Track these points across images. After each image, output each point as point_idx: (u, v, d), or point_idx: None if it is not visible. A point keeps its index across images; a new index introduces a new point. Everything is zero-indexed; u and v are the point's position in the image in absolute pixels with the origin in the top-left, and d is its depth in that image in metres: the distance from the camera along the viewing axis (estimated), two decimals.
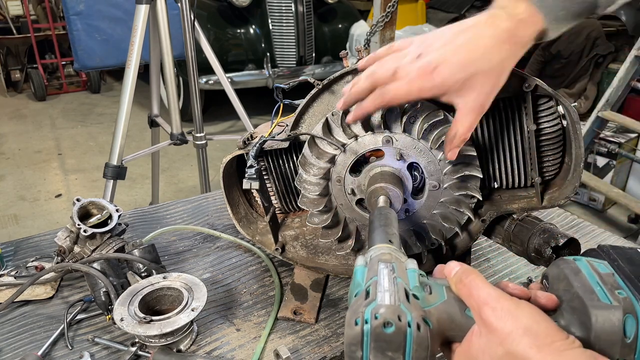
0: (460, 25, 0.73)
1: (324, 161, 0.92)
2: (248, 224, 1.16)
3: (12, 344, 0.95)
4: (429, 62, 0.71)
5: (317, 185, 0.95)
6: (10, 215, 3.67)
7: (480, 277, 0.55)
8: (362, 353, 0.52)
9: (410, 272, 0.58)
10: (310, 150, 0.93)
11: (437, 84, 0.71)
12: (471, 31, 0.71)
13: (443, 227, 0.95)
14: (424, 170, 0.90)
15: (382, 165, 0.91)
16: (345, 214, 0.99)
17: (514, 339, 0.48)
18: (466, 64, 0.70)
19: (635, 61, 3.31)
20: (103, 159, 2.39)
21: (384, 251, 0.62)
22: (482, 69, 0.70)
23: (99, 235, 1.10)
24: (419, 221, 0.96)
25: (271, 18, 5.02)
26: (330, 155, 0.92)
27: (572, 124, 0.87)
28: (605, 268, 0.54)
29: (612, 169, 3.67)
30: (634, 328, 0.48)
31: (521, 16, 0.69)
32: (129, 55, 2.28)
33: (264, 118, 4.85)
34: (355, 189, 0.95)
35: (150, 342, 0.91)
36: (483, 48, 0.69)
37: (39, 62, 6.27)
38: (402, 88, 0.73)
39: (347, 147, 0.91)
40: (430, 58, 0.71)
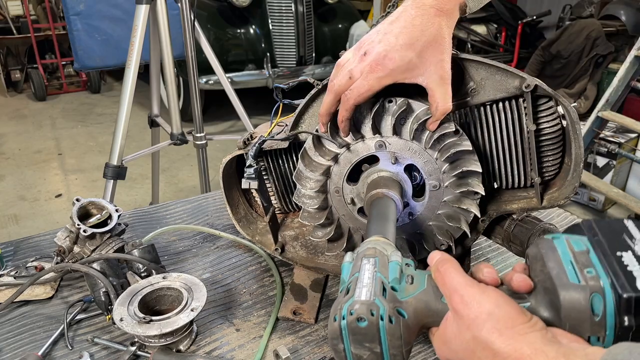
0: (391, 17, 0.79)
1: (319, 173, 0.91)
2: (248, 224, 1.16)
3: (12, 344, 0.95)
4: (378, 54, 0.76)
5: (316, 198, 0.94)
6: (10, 215, 3.67)
7: (454, 266, 0.57)
8: (344, 345, 0.57)
9: (392, 265, 0.61)
10: (304, 164, 0.92)
11: (392, 69, 0.75)
12: (402, 17, 0.77)
13: (449, 227, 0.93)
14: (422, 171, 0.89)
15: (379, 171, 0.89)
16: (349, 224, 0.98)
17: (477, 324, 0.51)
18: (410, 43, 0.75)
19: (635, 61, 3.31)
20: (103, 159, 2.39)
21: (370, 246, 0.64)
22: (426, 42, 0.75)
23: (99, 236, 1.10)
24: (424, 223, 0.95)
25: (271, 18, 5.02)
26: (324, 167, 0.91)
27: (572, 124, 0.87)
28: (582, 245, 0.54)
29: (612, 169, 3.67)
30: (601, 305, 0.49)
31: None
32: (129, 55, 2.28)
33: (264, 118, 4.84)
34: (355, 198, 0.94)
35: (149, 342, 0.91)
36: (419, 26, 0.75)
37: (39, 62, 6.27)
38: (362, 85, 0.77)
39: (340, 157, 0.90)
40: (377, 51, 0.76)
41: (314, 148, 0.91)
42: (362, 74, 0.77)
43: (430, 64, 0.76)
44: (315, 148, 0.91)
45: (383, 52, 0.75)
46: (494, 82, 0.87)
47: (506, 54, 6.01)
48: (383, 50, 0.75)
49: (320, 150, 0.91)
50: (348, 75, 0.79)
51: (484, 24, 6.10)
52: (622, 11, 5.04)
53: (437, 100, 0.78)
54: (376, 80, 0.76)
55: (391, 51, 0.75)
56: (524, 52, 5.87)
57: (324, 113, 0.85)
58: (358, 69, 0.78)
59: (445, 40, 0.77)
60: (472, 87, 0.88)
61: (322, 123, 0.87)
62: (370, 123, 0.86)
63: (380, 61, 0.75)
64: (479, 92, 0.88)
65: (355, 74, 0.78)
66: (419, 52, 0.75)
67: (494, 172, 0.96)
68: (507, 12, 6.09)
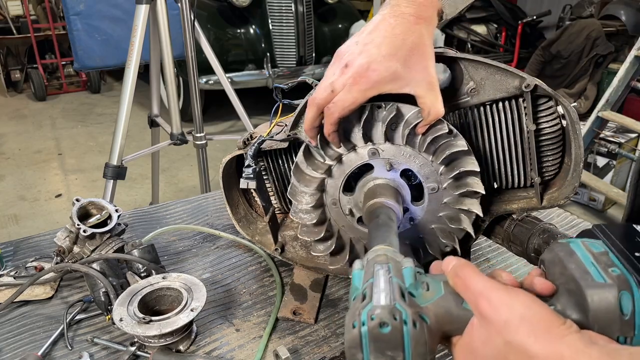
0: (370, 26, 0.77)
1: (314, 187, 0.89)
2: (247, 224, 1.16)
3: (11, 344, 0.95)
4: (360, 66, 0.74)
5: (313, 212, 0.92)
6: (10, 215, 3.67)
7: (475, 269, 0.55)
8: (363, 355, 0.53)
9: (406, 271, 0.59)
10: (297, 179, 0.90)
11: (377, 81, 0.74)
12: (382, 26, 0.75)
13: (452, 229, 0.91)
14: (418, 175, 0.87)
15: (375, 179, 0.87)
16: (350, 235, 0.96)
17: (510, 329, 0.49)
18: (393, 53, 0.73)
19: (635, 61, 3.31)
20: (103, 159, 2.39)
21: (380, 253, 0.62)
22: (409, 50, 0.74)
23: (99, 236, 1.10)
24: (426, 227, 0.93)
25: (271, 18, 5.02)
26: (318, 180, 0.89)
27: (572, 124, 0.87)
28: (600, 247, 0.54)
29: (612, 169, 3.67)
30: (630, 304, 0.48)
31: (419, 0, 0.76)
32: (129, 55, 2.28)
33: (264, 118, 4.84)
34: (353, 208, 0.92)
35: (149, 342, 0.91)
36: (400, 35, 0.74)
37: (39, 62, 6.28)
38: (346, 98, 0.75)
39: (333, 168, 0.88)
40: (359, 62, 0.74)
41: (305, 162, 0.89)
42: (344, 87, 0.75)
43: (415, 72, 0.75)
44: (307, 162, 0.89)
45: (365, 63, 0.73)
46: (493, 82, 0.87)
47: (506, 54, 6.01)
48: (365, 62, 0.73)
49: (313, 164, 0.89)
50: (330, 88, 0.76)
51: (484, 24, 6.10)
52: (622, 11, 5.04)
53: (428, 106, 0.77)
54: (360, 92, 0.75)
55: (374, 62, 0.73)
56: (524, 52, 5.87)
57: (308, 128, 0.83)
58: (340, 82, 0.75)
59: (427, 47, 0.76)
60: (472, 87, 0.88)
61: (311, 137, 0.85)
62: (360, 132, 0.84)
63: (363, 73, 0.73)
64: (479, 92, 0.88)
65: (337, 86, 0.76)
66: (403, 62, 0.74)
67: (494, 172, 0.96)
68: (507, 12, 6.09)
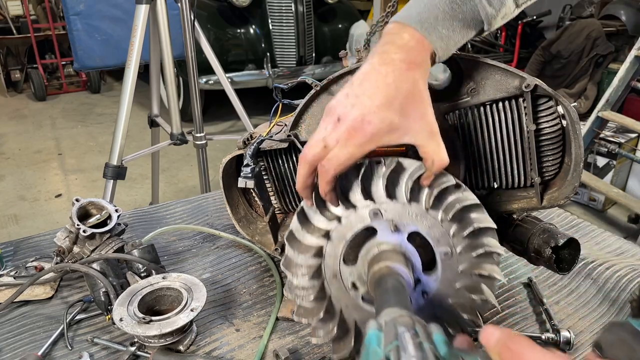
0: (359, 77, 0.72)
1: (311, 255, 0.78)
2: (247, 224, 1.16)
3: (11, 344, 0.95)
4: (354, 119, 0.69)
5: (311, 288, 0.80)
6: (10, 215, 3.67)
7: (530, 342, 0.50)
8: None
9: (438, 337, 0.51)
10: (292, 247, 0.79)
11: (373, 133, 0.69)
12: (372, 76, 0.71)
13: (473, 301, 0.78)
14: (428, 238, 0.76)
15: (379, 244, 0.76)
16: (354, 316, 0.82)
17: None
18: (387, 103, 0.69)
19: (635, 61, 3.31)
20: (103, 159, 2.39)
21: (402, 313, 0.54)
22: (404, 99, 0.69)
23: (98, 236, 1.10)
24: (443, 302, 0.79)
25: (271, 18, 5.02)
26: (315, 248, 0.78)
27: (572, 124, 0.87)
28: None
29: (612, 169, 3.67)
30: None
31: (409, 44, 0.71)
32: (129, 55, 2.28)
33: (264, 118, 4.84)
34: (357, 281, 0.79)
35: (149, 342, 0.91)
36: (393, 84, 0.69)
37: (39, 62, 6.28)
38: (341, 153, 0.70)
39: (332, 233, 0.77)
40: (353, 115, 0.69)
41: (300, 227, 0.79)
42: (339, 142, 0.69)
43: (413, 120, 0.70)
44: (302, 226, 0.79)
45: (359, 116, 0.68)
46: (493, 81, 0.87)
47: (506, 54, 6.00)
48: (359, 115, 0.68)
49: (309, 228, 0.79)
50: (322, 143, 0.70)
51: None
52: (622, 11, 5.04)
53: (430, 155, 0.71)
54: (357, 147, 0.69)
55: (368, 114, 0.68)
56: (524, 52, 5.87)
57: (301, 187, 0.76)
58: (333, 137, 0.70)
59: (423, 93, 0.71)
60: (471, 87, 0.88)
61: (305, 197, 0.78)
62: (359, 188, 0.76)
63: (358, 126, 0.68)
64: (479, 92, 0.88)
65: (330, 142, 0.70)
66: (399, 111, 0.69)
67: (494, 172, 0.96)
68: None
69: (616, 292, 1.09)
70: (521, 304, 1.08)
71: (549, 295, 1.10)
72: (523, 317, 1.04)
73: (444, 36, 0.72)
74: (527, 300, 1.09)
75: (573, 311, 1.06)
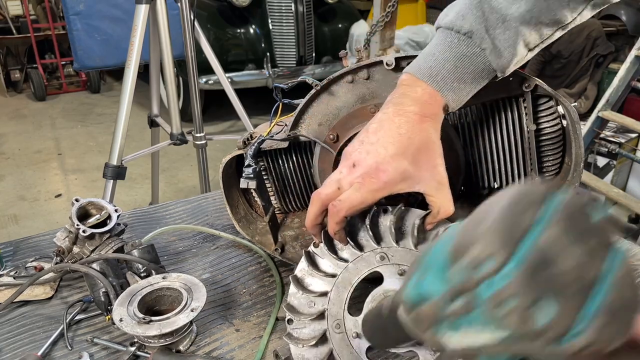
0: (374, 125, 0.75)
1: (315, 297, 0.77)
2: (247, 224, 1.16)
3: (11, 344, 0.95)
4: (369, 166, 0.72)
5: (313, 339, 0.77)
6: (10, 215, 3.67)
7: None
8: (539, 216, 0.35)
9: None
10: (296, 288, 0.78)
11: (386, 182, 0.72)
12: (386, 125, 0.74)
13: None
14: None
15: (385, 292, 0.75)
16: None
17: None
18: (401, 152, 0.72)
19: (635, 61, 3.31)
20: (103, 159, 2.39)
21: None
22: (417, 150, 0.73)
23: (98, 236, 1.10)
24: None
25: (271, 18, 5.02)
26: (320, 291, 0.77)
27: (572, 124, 0.87)
28: None
29: (613, 169, 3.67)
30: None
31: (422, 98, 0.73)
32: (129, 55, 2.28)
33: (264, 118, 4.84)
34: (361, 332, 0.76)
35: (149, 342, 0.91)
36: (406, 134, 0.72)
37: (38, 62, 6.28)
38: (355, 196, 0.73)
39: (338, 278, 0.77)
40: (368, 162, 0.73)
41: (306, 268, 0.78)
42: (352, 186, 0.73)
43: (424, 170, 0.73)
44: (308, 268, 0.78)
45: (374, 164, 0.72)
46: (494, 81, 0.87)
47: None
48: (374, 162, 0.72)
49: (315, 271, 0.78)
50: (336, 184, 0.75)
51: None
52: (622, 11, 5.04)
53: (437, 205, 0.75)
54: (370, 193, 0.72)
55: (383, 163, 0.72)
56: None
57: (311, 225, 0.79)
58: (347, 180, 0.74)
59: (435, 145, 0.75)
60: None
61: (314, 234, 0.80)
62: (367, 233, 0.77)
63: (372, 173, 0.72)
64: (479, 92, 0.88)
65: (344, 184, 0.74)
66: (411, 161, 0.72)
67: (494, 172, 0.96)
68: None
69: None
70: None
71: None
72: None
73: (455, 89, 0.74)
74: None
75: None
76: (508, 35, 0.72)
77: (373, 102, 0.93)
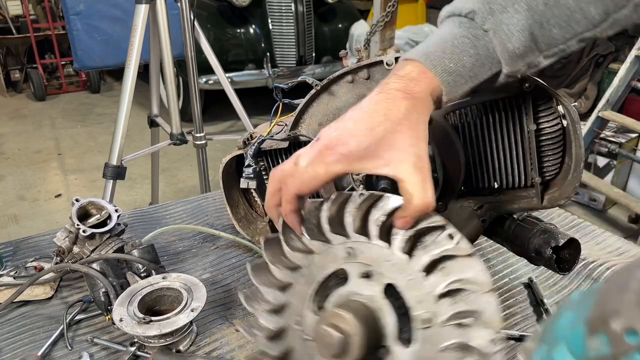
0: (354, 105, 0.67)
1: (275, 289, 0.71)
2: (247, 224, 1.16)
3: (11, 344, 0.95)
4: (329, 139, 0.64)
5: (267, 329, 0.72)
6: (9, 215, 3.66)
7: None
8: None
9: None
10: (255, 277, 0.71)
11: (344, 154, 0.63)
12: (364, 102, 0.66)
13: None
14: (404, 296, 0.61)
15: (350, 294, 0.65)
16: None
17: None
18: (370, 127, 0.63)
19: (635, 61, 3.31)
20: (103, 159, 2.39)
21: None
22: (391, 128, 0.63)
23: (98, 236, 1.10)
24: None
25: (271, 18, 5.02)
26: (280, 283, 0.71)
27: (572, 124, 0.87)
28: None
29: (613, 169, 3.67)
30: None
31: (410, 75, 0.65)
32: (129, 55, 2.28)
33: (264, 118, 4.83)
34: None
35: (149, 342, 0.91)
36: (382, 110, 0.64)
37: (38, 62, 6.27)
38: (306, 171, 0.64)
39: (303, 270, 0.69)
40: (329, 136, 0.65)
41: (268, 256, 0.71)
42: (308, 159, 0.65)
43: (397, 151, 0.62)
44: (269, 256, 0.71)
45: (335, 137, 0.64)
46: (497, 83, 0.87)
47: None
48: (336, 136, 0.64)
49: (278, 259, 0.71)
50: (293, 161, 0.66)
51: None
52: None
53: (409, 192, 0.61)
54: (323, 166, 0.63)
55: (345, 136, 0.63)
56: None
57: (268, 205, 0.70)
58: (305, 155, 0.65)
59: (415, 124, 0.64)
60: None
61: (273, 218, 0.71)
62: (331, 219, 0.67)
63: (330, 146, 0.63)
64: (479, 92, 0.88)
65: (301, 160, 0.65)
66: (380, 138, 0.62)
67: (494, 172, 0.96)
68: None
69: None
70: (521, 304, 1.08)
71: (549, 295, 1.10)
72: (523, 317, 1.04)
73: (451, 70, 0.65)
74: (527, 300, 1.09)
75: None
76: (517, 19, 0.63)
77: None
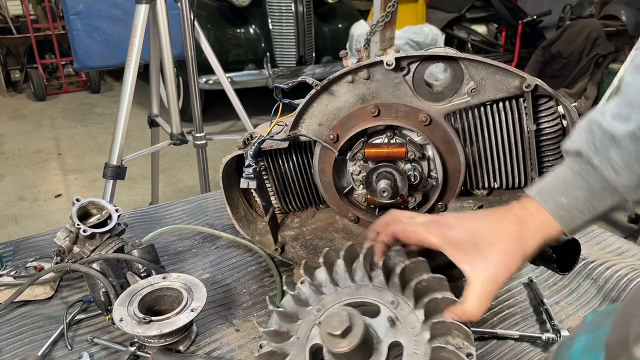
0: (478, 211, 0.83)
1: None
2: (247, 224, 1.16)
3: (11, 344, 0.95)
4: (446, 220, 0.77)
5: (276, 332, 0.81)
6: (10, 215, 3.66)
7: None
8: None
9: None
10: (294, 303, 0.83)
11: (444, 235, 0.75)
12: (488, 212, 0.80)
13: None
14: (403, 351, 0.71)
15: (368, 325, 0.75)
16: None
17: None
18: (476, 230, 0.74)
19: None
20: (103, 159, 2.39)
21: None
22: (491, 239, 0.73)
23: (99, 236, 1.10)
24: None
25: (271, 18, 5.02)
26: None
27: (572, 124, 0.87)
28: None
29: None
30: None
31: (529, 209, 0.74)
32: (129, 55, 2.27)
33: (264, 118, 4.83)
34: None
35: (149, 342, 0.91)
36: (494, 225, 0.75)
37: (38, 62, 6.27)
38: (420, 228, 0.77)
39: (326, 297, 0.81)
40: (448, 218, 0.78)
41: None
42: (424, 222, 0.78)
43: (483, 260, 0.72)
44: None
45: (450, 222, 0.76)
46: (494, 81, 0.87)
47: (506, 54, 6.01)
48: (451, 221, 0.77)
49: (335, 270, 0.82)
50: (413, 215, 0.82)
51: (484, 24, 6.10)
52: (622, 11, 5.03)
53: (469, 296, 0.71)
54: (426, 232, 0.76)
55: (456, 226, 0.75)
56: (524, 52, 5.87)
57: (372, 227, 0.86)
58: (423, 217, 0.80)
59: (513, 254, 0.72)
60: (472, 87, 0.88)
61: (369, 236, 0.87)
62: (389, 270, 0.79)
63: (442, 224, 0.76)
64: (479, 92, 0.88)
65: (418, 218, 0.80)
66: (477, 242, 0.73)
67: (494, 172, 0.96)
68: (507, 12, 6.09)
69: (616, 292, 1.09)
70: (521, 304, 1.08)
71: (549, 295, 1.10)
72: (523, 317, 1.04)
73: (564, 205, 0.72)
74: (527, 300, 1.09)
75: (573, 311, 1.06)
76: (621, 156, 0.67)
77: (373, 102, 0.93)
